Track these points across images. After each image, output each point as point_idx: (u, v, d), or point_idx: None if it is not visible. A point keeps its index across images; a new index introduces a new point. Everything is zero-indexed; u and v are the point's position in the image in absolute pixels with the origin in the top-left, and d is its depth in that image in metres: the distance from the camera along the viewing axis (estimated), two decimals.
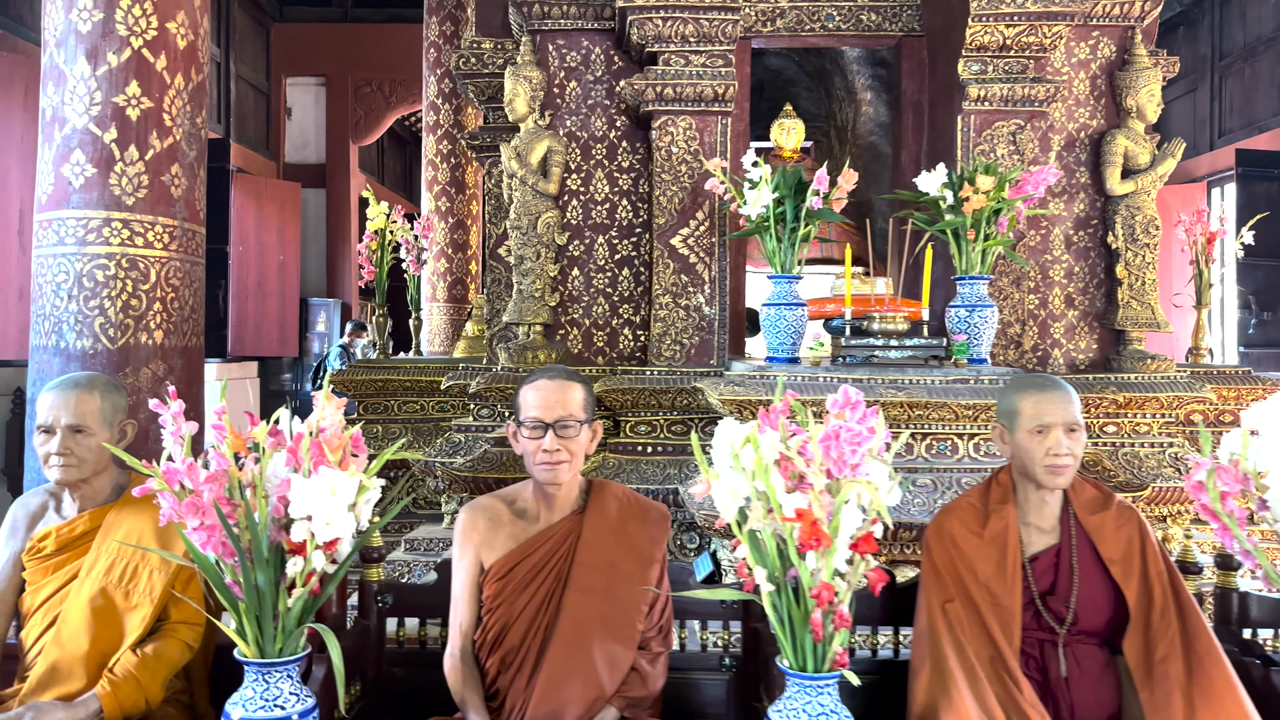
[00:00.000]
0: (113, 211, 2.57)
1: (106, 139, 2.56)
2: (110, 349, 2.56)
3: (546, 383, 1.93)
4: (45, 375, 2.56)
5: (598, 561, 1.88)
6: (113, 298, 2.57)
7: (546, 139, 3.88)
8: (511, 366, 3.84)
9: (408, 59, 11.60)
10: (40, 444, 1.91)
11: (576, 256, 3.99)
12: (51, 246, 2.57)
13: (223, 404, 1.63)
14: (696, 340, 3.73)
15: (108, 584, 1.88)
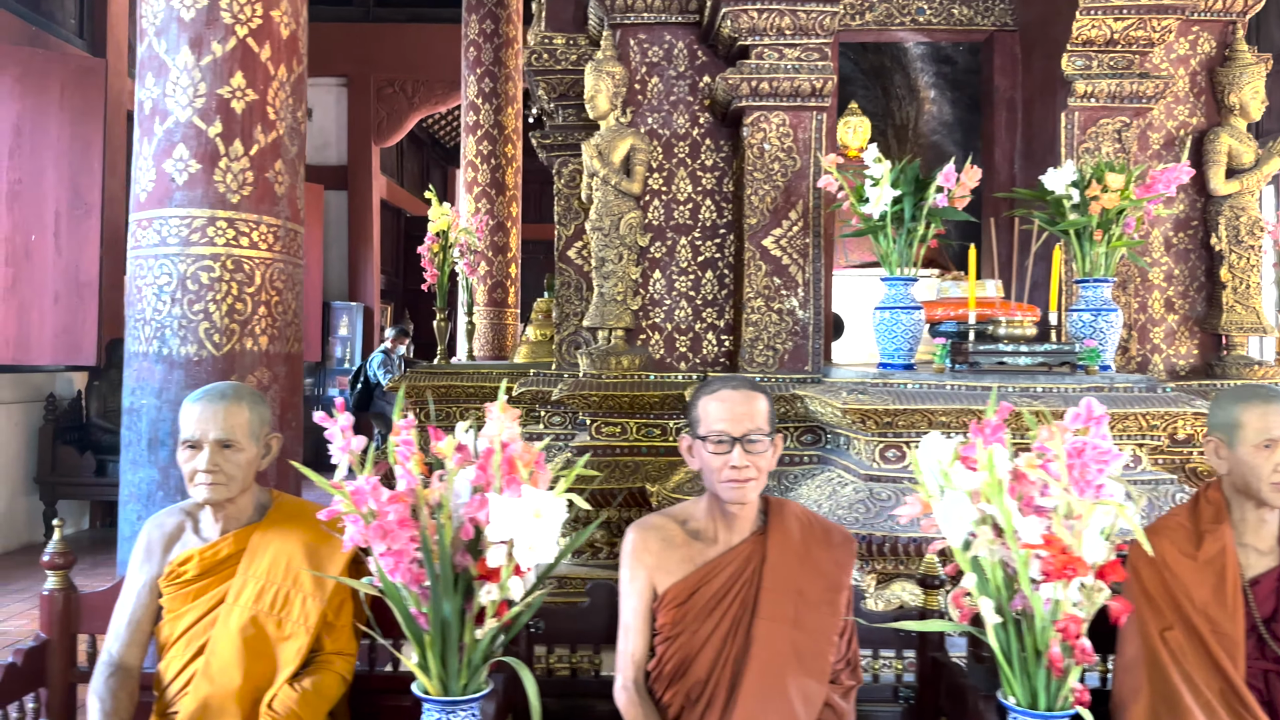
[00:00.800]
0: (217, 210, 2.42)
1: (211, 133, 2.41)
2: (215, 355, 2.41)
3: (731, 393, 1.78)
4: (145, 384, 2.41)
5: (786, 588, 1.73)
6: (217, 301, 2.41)
7: (629, 137, 3.73)
8: (594, 373, 3.69)
9: (430, 59, 11.48)
10: (185, 460, 1.75)
11: (658, 259, 3.85)
12: (152, 247, 2.41)
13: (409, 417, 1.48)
14: (790, 345, 3.58)
15: (258, 612, 1.73)
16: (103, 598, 1.98)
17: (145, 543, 1.83)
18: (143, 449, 2.39)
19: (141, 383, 2.41)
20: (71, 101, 6.19)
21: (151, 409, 2.39)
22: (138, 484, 2.40)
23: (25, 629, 4.64)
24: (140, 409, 2.40)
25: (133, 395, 2.43)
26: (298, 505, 1.87)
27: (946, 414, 2.78)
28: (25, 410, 6.57)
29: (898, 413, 2.76)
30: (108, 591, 1.99)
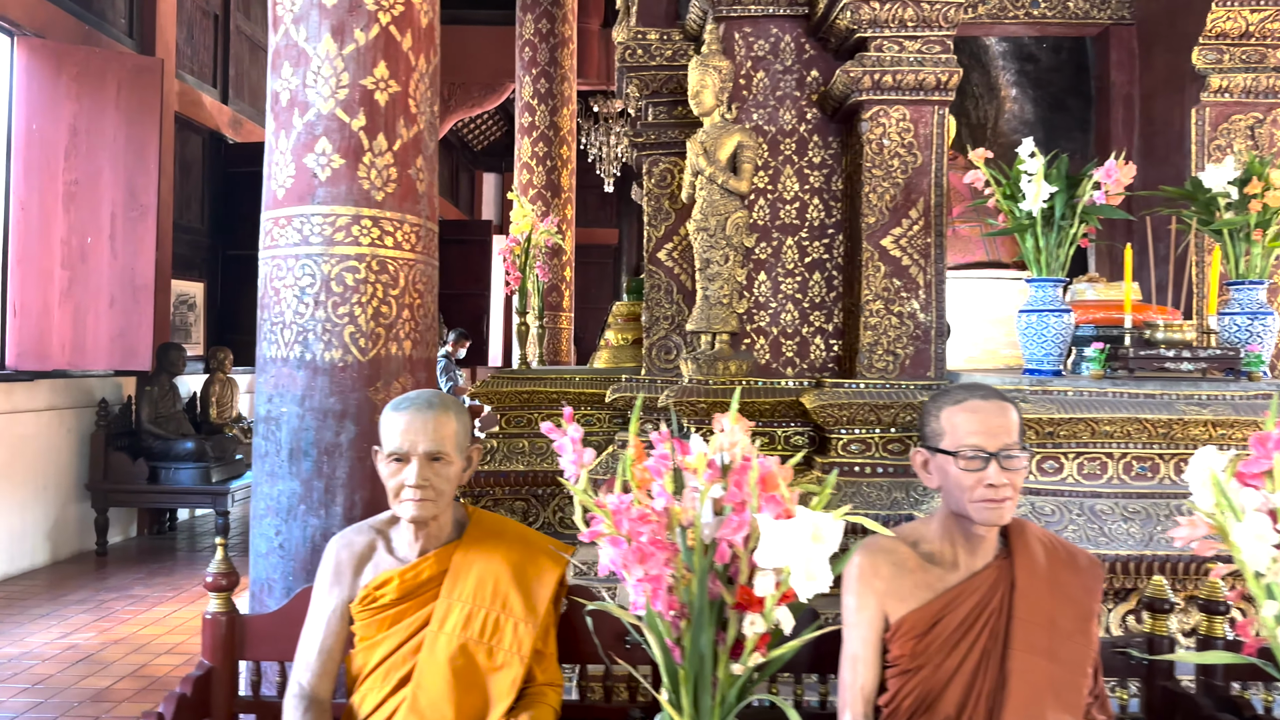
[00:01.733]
0: (362, 208, 2.28)
1: (355, 126, 2.28)
2: (361, 361, 2.27)
3: (982, 404, 1.64)
4: (285, 391, 2.27)
5: (1038, 617, 1.59)
6: (363, 304, 2.28)
7: (737, 133, 3.59)
8: (700, 378, 3.55)
9: (467, 61, 11.37)
10: (391, 474, 1.61)
11: (763, 260, 3.70)
12: (292, 246, 2.28)
13: (662, 429, 1.34)
14: (911, 350, 3.43)
15: (467, 640, 1.58)
16: (267, 622, 1.84)
17: (334, 564, 1.69)
18: (282, 460, 2.25)
19: (280, 390, 2.27)
20: (128, 101, 6.08)
21: (293, 417, 2.25)
22: (276, 497, 2.26)
23: (94, 641, 4.51)
24: (279, 417, 2.26)
25: (270, 403, 2.29)
26: (497, 521, 1.73)
27: (1111, 423, 2.63)
28: (77, 416, 6.45)
29: (1060, 422, 2.62)
30: (273, 616, 1.85)
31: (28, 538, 5.96)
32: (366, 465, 2.28)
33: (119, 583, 5.68)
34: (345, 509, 2.25)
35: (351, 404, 2.27)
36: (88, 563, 6.26)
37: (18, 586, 5.58)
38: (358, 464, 2.27)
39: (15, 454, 5.83)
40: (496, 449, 4.40)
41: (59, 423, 6.26)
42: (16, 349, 5.65)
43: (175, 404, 6.92)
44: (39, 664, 4.17)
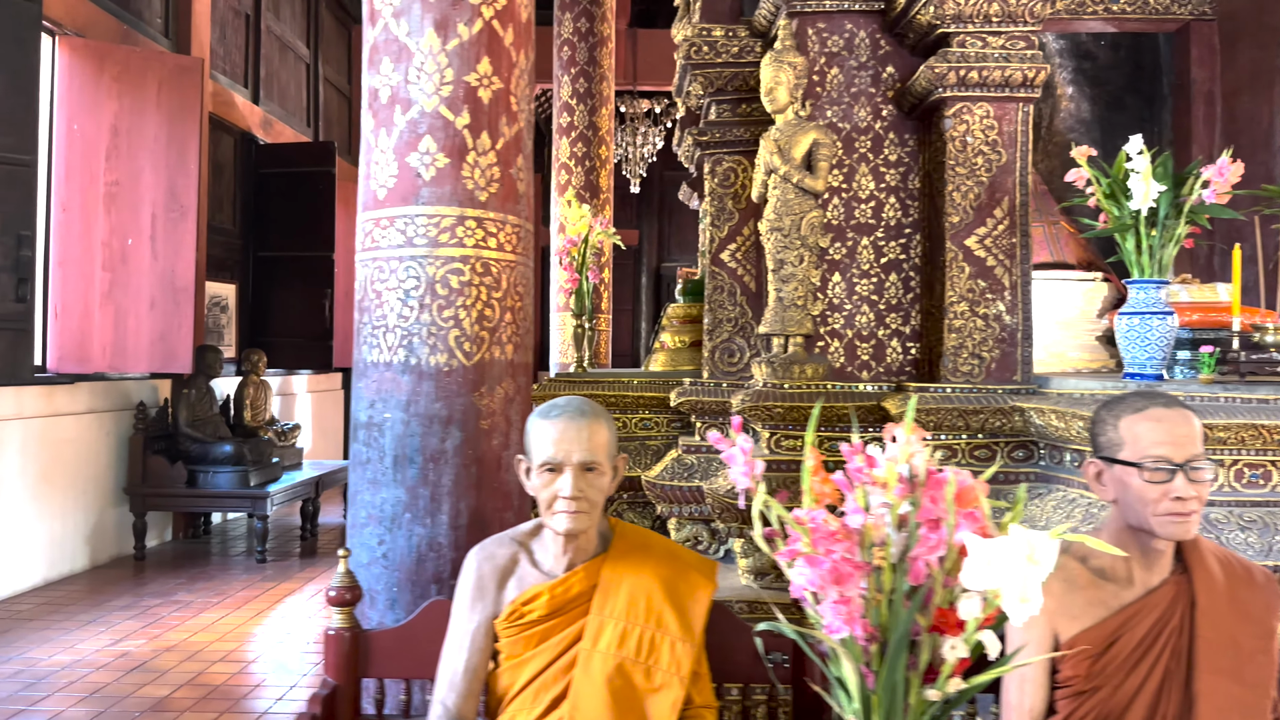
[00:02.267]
0: (466, 208, 2.20)
1: (459, 124, 2.20)
2: (465, 365, 2.20)
3: (1165, 412, 1.55)
4: (389, 396, 2.20)
5: (1222, 637, 1.51)
6: (468, 307, 2.20)
7: (812, 131, 3.51)
8: (775, 382, 3.47)
9: None
10: (543, 485, 1.53)
11: (838, 260, 3.62)
12: (395, 248, 2.20)
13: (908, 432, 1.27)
14: (997, 353, 3.34)
15: (624, 659, 1.50)
16: (391, 638, 1.77)
17: (475, 578, 1.61)
18: (386, 467, 2.18)
19: (384, 395, 2.20)
20: (168, 101, 6.02)
21: (397, 423, 2.18)
22: (379, 505, 2.19)
23: (145, 648, 4.44)
24: (383, 423, 2.19)
25: (372, 408, 2.21)
26: (641, 534, 1.65)
27: (1226, 429, 2.54)
28: (115, 419, 6.40)
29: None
30: (397, 631, 1.78)
31: (68, 542, 5.90)
32: (472, 473, 2.21)
33: (161, 588, 5.61)
34: (451, 518, 2.17)
35: (457, 409, 2.20)
36: (126, 567, 6.20)
37: (60, 592, 5.52)
38: (463, 471, 2.20)
39: (56, 458, 5.77)
40: None
41: (98, 426, 6.20)
42: (58, 352, 5.59)
43: (212, 407, 6.86)
44: (93, 672, 4.11)
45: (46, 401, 5.70)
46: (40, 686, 3.92)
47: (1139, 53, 5.48)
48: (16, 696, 3.81)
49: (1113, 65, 5.53)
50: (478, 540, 2.22)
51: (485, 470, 2.22)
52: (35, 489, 5.59)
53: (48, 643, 4.52)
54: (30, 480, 5.55)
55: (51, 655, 4.33)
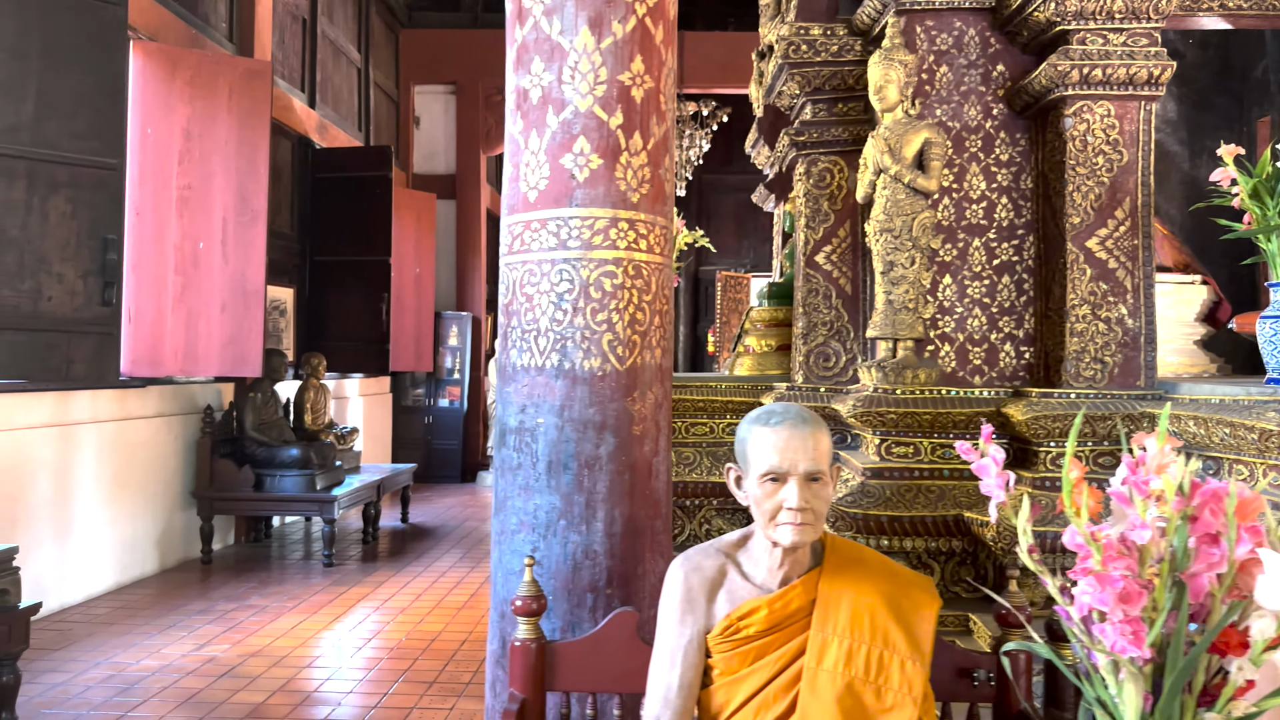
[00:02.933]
0: (619, 210, 2.15)
1: (612, 124, 2.15)
2: (619, 370, 2.14)
3: None
4: (542, 401, 2.14)
5: None
6: (620, 310, 2.15)
7: (924, 130, 3.44)
8: (887, 387, 3.39)
9: None
10: (766, 496, 1.47)
11: (948, 262, 3.55)
12: (547, 251, 2.15)
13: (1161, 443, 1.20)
14: (1120, 358, 3.26)
15: (853, 678, 1.44)
16: (578, 650, 1.71)
17: (683, 590, 1.55)
18: (539, 473, 2.12)
19: (536, 400, 2.15)
20: (239, 105, 6.03)
21: (550, 429, 2.12)
22: (532, 512, 2.13)
23: (231, 653, 4.42)
24: (535, 429, 2.14)
25: (523, 413, 2.16)
26: (855, 548, 1.59)
27: None
28: (183, 423, 6.40)
29: None
30: (583, 643, 1.72)
31: (139, 546, 5.91)
32: (625, 479, 2.15)
33: (233, 591, 5.60)
34: (606, 525, 2.12)
35: (610, 415, 2.14)
36: (193, 571, 6.20)
37: (134, 595, 5.52)
38: (617, 478, 2.14)
39: (129, 461, 5.78)
40: None
41: (167, 430, 6.21)
42: (131, 355, 5.59)
43: (277, 411, 6.86)
44: (183, 677, 4.09)
45: (120, 405, 5.71)
46: (133, 692, 3.90)
47: (1228, 51, 5.36)
48: (112, 702, 3.79)
49: (1200, 64, 5.42)
50: (632, 549, 2.17)
51: (637, 477, 2.17)
52: (109, 492, 5.59)
53: (132, 647, 4.50)
54: (105, 484, 5.56)
55: (139, 660, 4.31)
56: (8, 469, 4.77)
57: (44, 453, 5.03)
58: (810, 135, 4.09)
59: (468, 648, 4.59)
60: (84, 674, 4.11)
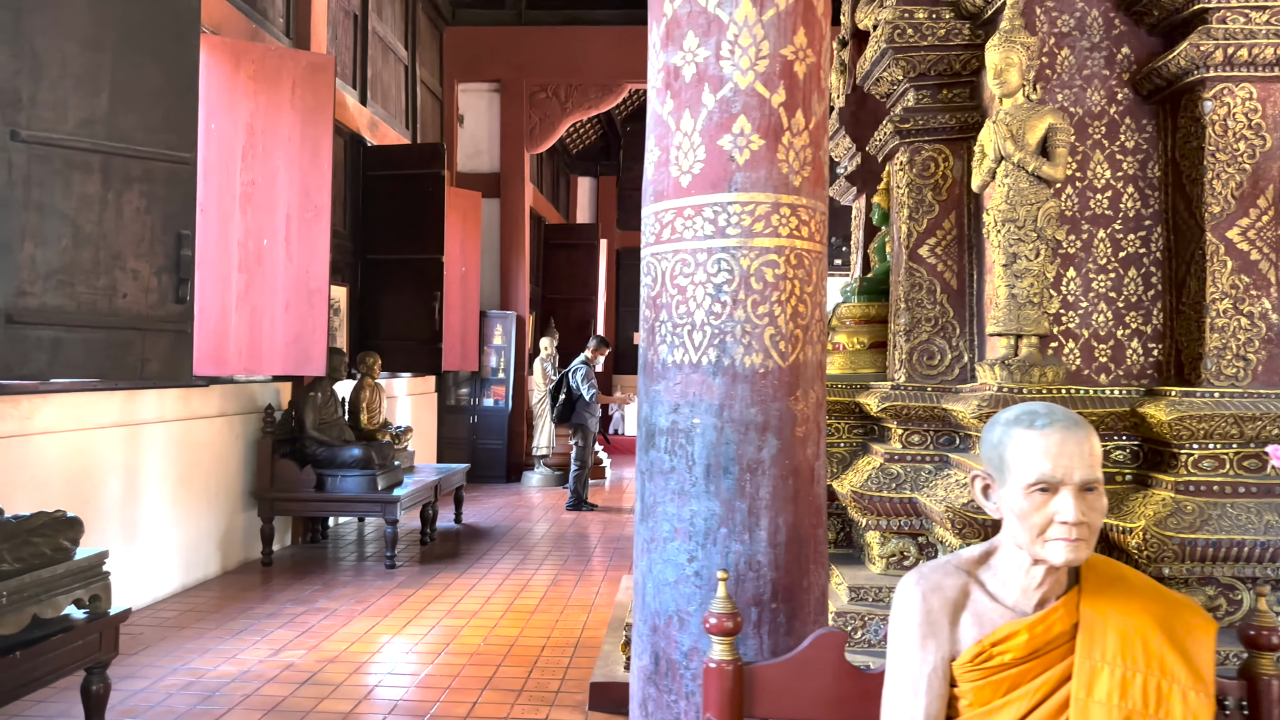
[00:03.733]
0: (781, 194, 2.00)
1: (774, 102, 2.00)
2: (781, 367, 1.99)
3: None
4: (698, 400, 2.00)
5: None
6: (782, 302, 2.00)
7: (1048, 115, 3.27)
8: (1012, 386, 3.22)
9: (584, 62, 11.19)
10: (1035, 508, 1.31)
11: (1072, 255, 3.38)
12: (703, 239, 2.00)
13: None
14: (1263, 354, 3.08)
15: (1130, 712, 1.28)
16: (779, 673, 1.56)
17: (923, 612, 1.40)
18: (697, 476, 1.98)
19: (691, 399, 2.00)
20: (302, 100, 5.93)
21: (709, 430, 1.98)
22: (688, 519, 1.99)
23: (308, 659, 4.31)
24: (691, 430, 1.99)
25: (676, 413, 2.02)
26: (1111, 564, 1.43)
27: None
28: (244, 422, 6.32)
29: None
30: (784, 665, 1.57)
31: (202, 547, 5.82)
32: (789, 485, 2.00)
33: (298, 594, 5.50)
34: (769, 534, 1.97)
35: (773, 415, 1.99)
36: (254, 572, 6.11)
37: (200, 598, 5.43)
38: (780, 483, 1.99)
39: (193, 461, 5.69)
40: None
41: (228, 429, 6.12)
42: (196, 354, 5.49)
43: (336, 410, 6.77)
44: (264, 685, 3.98)
45: (184, 404, 5.63)
46: (216, 700, 3.80)
47: None
48: (196, 711, 3.68)
49: None
50: (797, 559, 2.02)
51: (800, 482, 2.02)
52: (174, 493, 5.51)
53: (207, 652, 4.40)
54: (170, 484, 5.47)
55: (216, 666, 4.21)
56: (79, 470, 4.69)
57: (112, 453, 4.95)
58: (914, 123, 3.92)
59: (549, 654, 4.46)
60: (163, 680, 4.01)
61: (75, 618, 3.14)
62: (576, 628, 4.92)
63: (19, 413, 4.33)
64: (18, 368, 4.04)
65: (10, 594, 2.77)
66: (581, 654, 4.47)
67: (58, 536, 3.03)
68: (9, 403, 4.26)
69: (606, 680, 3.73)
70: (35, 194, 4.08)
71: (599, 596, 5.59)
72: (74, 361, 4.17)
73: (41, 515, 3.05)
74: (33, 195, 4.08)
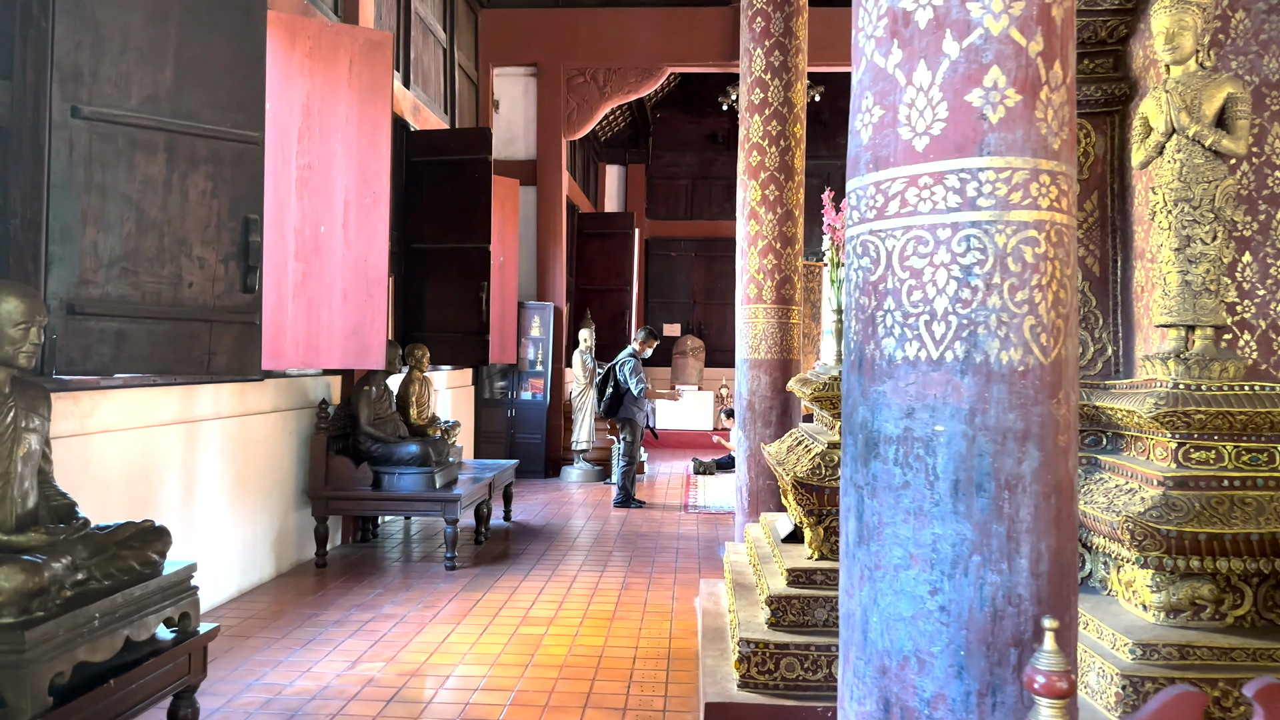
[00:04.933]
0: (1040, 159, 1.70)
1: (1031, 51, 1.70)
2: (1042, 364, 1.70)
3: None
4: (940, 403, 1.70)
5: None
6: (1042, 287, 1.70)
7: (1226, 84, 2.96)
8: (1190, 383, 2.92)
9: (624, 45, 10.85)
10: None
11: (1248, 238, 3.07)
12: (944, 213, 1.70)
13: None
14: None
15: None
16: None
17: None
18: (940, 494, 1.69)
19: (930, 402, 1.70)
20: (359, 79, 5.64)
21: (956, 438, 1.68)
22: (930, 544, 1.70)
23: (388, 673, 4.04)
24: (931, 439, 1.70)
25: (909, 419, 1.72)
26: None
27: None
28: (297, 418, 6.04)
29: None
30: None
31: (258, 549, 5.55)
32: (1051, 504, 1.71)
33: (361, 599, 5.23)
34: (1031, 562, 1.68)
35: (1034, 421, 1.69)
36: (309, 575, 5.84)
37: (259, 603, 5.16)
38: (1042, 502, 1.69)
39: (248, 459, 5.42)
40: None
41: (282, 425, 5.84)
42: None
43: (390, 405, 6.49)
44: (348, 703, 3.70)
45: (240, 400, 5.35)
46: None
47: None
48: None
49: None
50: (1059, 591, 1.73)
51: (1062, 501, 1.72)
52: (231, 492, 5.24)
53: (280, 665, 4.13)
54: (228, 483, 5.20)
55: (292, 681, 3.94)
56: (139, 471, 4.41)
57: (171, 452, 4.67)
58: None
59: (643, 666, 4.18)
60: (239, 698, 3.74)
61: (162, 638, 2.86)
62: (662, 636, 4.64)
63: (79, 410, 4.05)
64: (80, 362, 3.76)
65: (102, 616, 2.49)
66: (677, 666, 4.19)
67: (146, 549, 2.76)
68: (69, 400, 3.98)
69: (722, 700, 3.45)
70: (97, 175, 3.80)
71: (676, 601, 5.31)
72: (138, 355, 3.90)
73: (129, 526, 2.77)
74: (94, 176, 3.79)
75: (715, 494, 9.58)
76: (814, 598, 3.63)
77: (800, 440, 4.34)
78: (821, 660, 3.49)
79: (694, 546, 6.91)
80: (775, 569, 3.97)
